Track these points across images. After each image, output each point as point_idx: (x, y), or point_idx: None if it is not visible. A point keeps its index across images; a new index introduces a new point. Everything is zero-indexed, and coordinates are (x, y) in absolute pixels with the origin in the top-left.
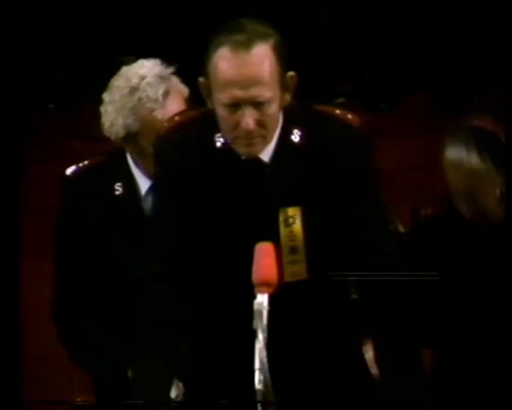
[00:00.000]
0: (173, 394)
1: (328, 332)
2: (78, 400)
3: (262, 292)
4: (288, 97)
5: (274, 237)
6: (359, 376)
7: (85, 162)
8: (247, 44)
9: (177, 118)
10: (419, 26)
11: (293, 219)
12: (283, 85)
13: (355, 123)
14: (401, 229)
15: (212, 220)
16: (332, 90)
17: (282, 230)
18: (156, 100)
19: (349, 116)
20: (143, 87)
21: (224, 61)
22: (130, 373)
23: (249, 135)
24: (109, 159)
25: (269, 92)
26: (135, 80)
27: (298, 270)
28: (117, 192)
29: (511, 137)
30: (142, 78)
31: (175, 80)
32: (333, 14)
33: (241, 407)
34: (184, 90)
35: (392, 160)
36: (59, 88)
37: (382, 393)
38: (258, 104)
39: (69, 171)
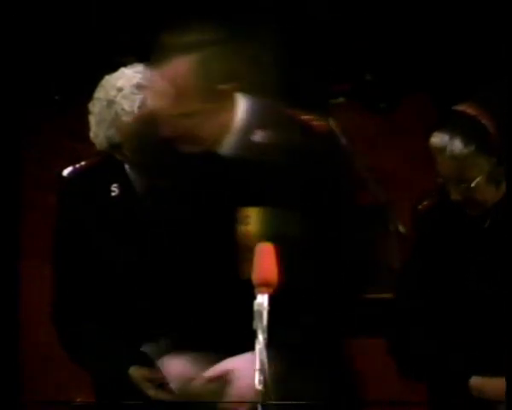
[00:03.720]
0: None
1: (327, 334)
2: (78, 400)
3: (262, 292)
4: (229, 106)
5: (230, 235)
6: (357, 376)
7: (82, 163)
8: (169, 56)
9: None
10: (419, 25)
11: (249, 219)
12: (213, 98)
13: (321, 130)
14: (401, 229)
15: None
16: (332, 90)
17: (239, 228)
18: (132, 113)
19: (315, 123)
20: (119, 100)
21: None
22: (130, 373)
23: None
24: (105, 160)
25: (186, 107)
26: (112, 93)
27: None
28: (113, 193)
29: (511, 136)
30: (119, 90)
31: None
32: (333, 14)
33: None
34: None
35: (392, 160)
36: (59, 88)
37: None
38: (182, 115)
39: (66, 172)
